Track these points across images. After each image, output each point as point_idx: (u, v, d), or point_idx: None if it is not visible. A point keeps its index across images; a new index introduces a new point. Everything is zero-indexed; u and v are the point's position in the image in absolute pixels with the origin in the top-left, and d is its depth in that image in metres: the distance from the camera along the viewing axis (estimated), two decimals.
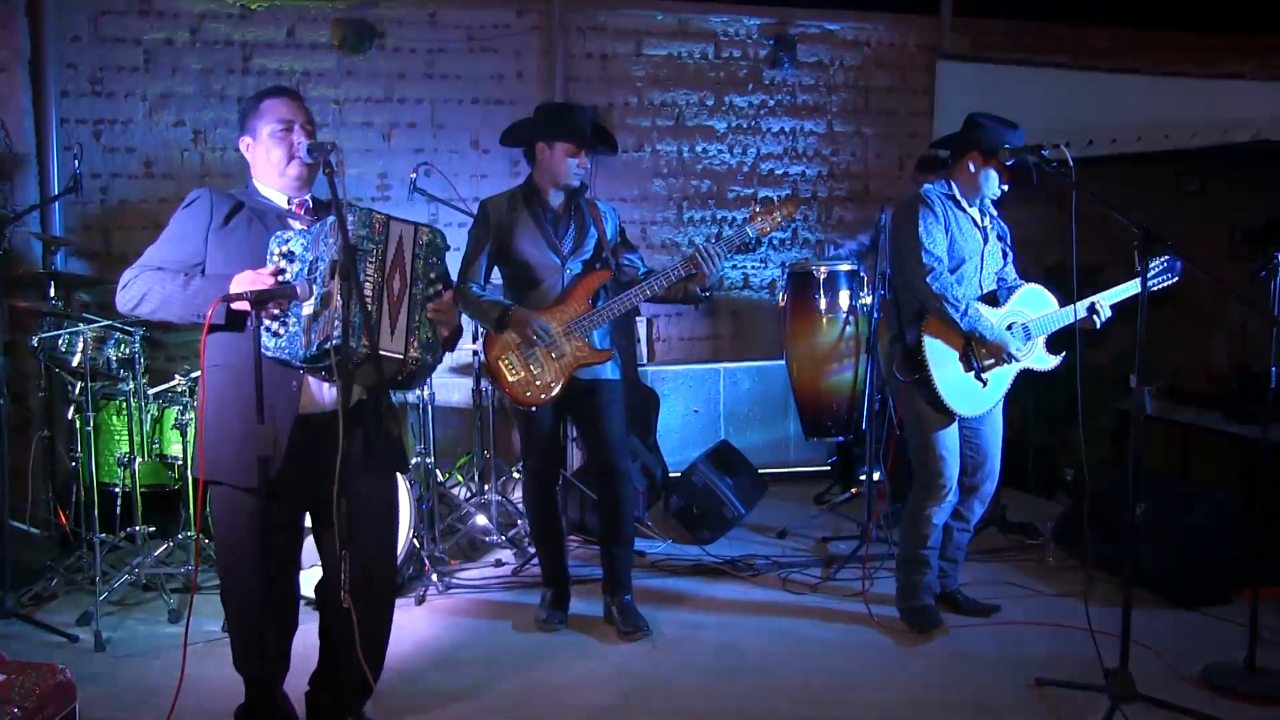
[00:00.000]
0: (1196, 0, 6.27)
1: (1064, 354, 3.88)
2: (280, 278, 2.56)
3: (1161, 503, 4.03)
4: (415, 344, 2.64)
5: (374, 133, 5.92)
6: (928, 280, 3.66)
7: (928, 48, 6.60)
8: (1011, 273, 3.98)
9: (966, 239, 3.79)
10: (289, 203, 2.81)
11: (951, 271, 3.74)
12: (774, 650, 3.76)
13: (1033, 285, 3.90)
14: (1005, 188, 3.79)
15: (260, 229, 2.71)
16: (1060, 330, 3.83)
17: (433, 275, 2.71)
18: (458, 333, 2.88)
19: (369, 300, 2.50)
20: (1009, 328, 3.77)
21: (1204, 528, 4.11)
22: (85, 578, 4.17)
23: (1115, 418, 6.06)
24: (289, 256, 2.58)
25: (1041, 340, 3.83)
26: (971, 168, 3.76)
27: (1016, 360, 3.75)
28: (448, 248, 2.79)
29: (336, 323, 2.44)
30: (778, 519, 5.34)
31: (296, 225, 2.70)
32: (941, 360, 3.72)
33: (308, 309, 2.51)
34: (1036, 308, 3.84)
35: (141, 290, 2.65)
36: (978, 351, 3.74)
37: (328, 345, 2.44)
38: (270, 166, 2.78)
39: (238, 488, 2.67)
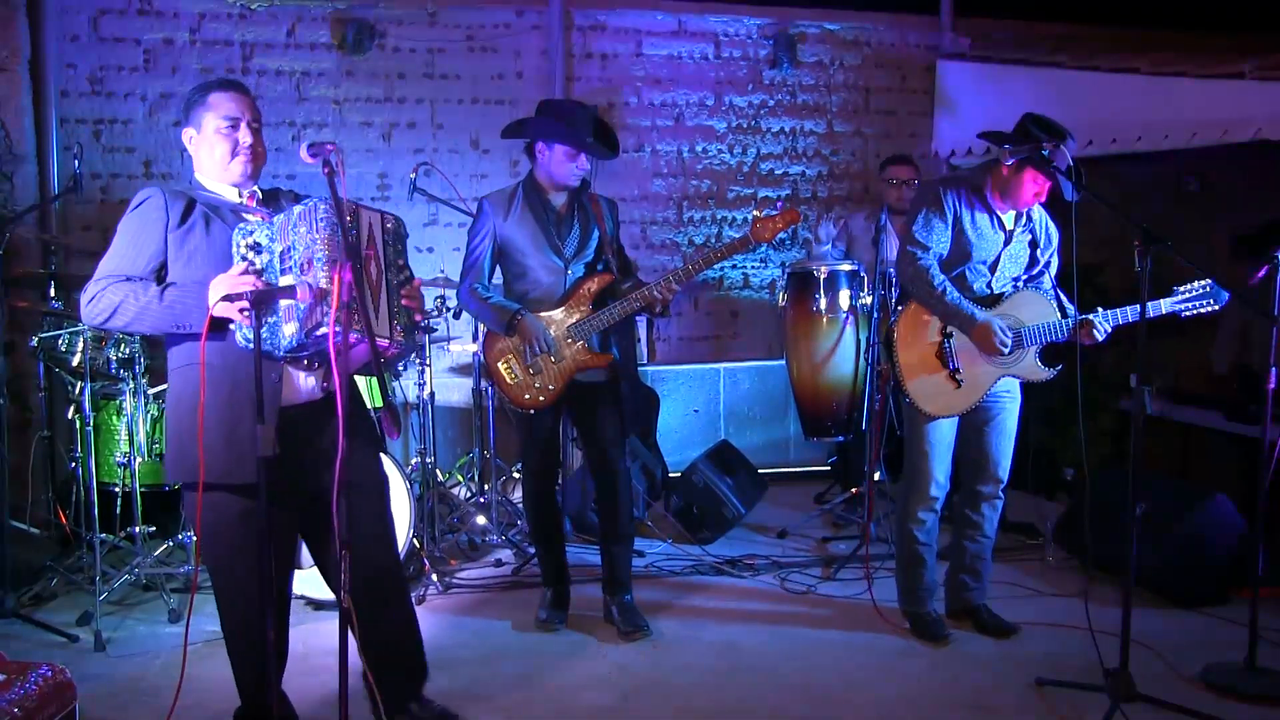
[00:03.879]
0: (1196, 0, 6.27)
1: (1059, 366, 3.65)
2: (251, 268, 2.54)
3: (1161, 503, 4.03)
4: (399, 329, 2.65)
5: (374, 133, 5.92)
6: (911, 251, 3.57)
7: (928, 48, 6.59)
8: (1046, 283, 3.73)
9: (982, 237, 3.61)
10: (240, 195, 2.79)
11: (952, 268, 3.61)
12: (774, 650, 3.76)
13: (1032, 289, 3.68)
14: (1037, 200, 3.57)
15: (219, 225, 2.69)
16: (1057, 342, 3.63)
17: (400, 262, 2.71)
18: (422, 318, 2.87)
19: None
20: None
21: (1204, 528, 4.11)
22: (85, 578, 4.17)
23: (1115, 418, 6.06)
24: (256, 248, 2.57)
25: (1034, 350, 3.63)
26: (1004, 170, 3.56)
27: (1003, 357, 3.55)
28: (407, 235, 2.78)
29: (328, 312, 2.42)
30: (778, 519, 5.33)
31: (253, 218, 2.69)
32: (911, 351, 3.62)
33: (288, 300, 2.50)
34: (1033, 314, 3.63)
35: (112, 303, 2.60)
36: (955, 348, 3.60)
37: (319, 334, 2.43)
38: (214, 162, 2.77)
39: (227, 487, 2.65)
